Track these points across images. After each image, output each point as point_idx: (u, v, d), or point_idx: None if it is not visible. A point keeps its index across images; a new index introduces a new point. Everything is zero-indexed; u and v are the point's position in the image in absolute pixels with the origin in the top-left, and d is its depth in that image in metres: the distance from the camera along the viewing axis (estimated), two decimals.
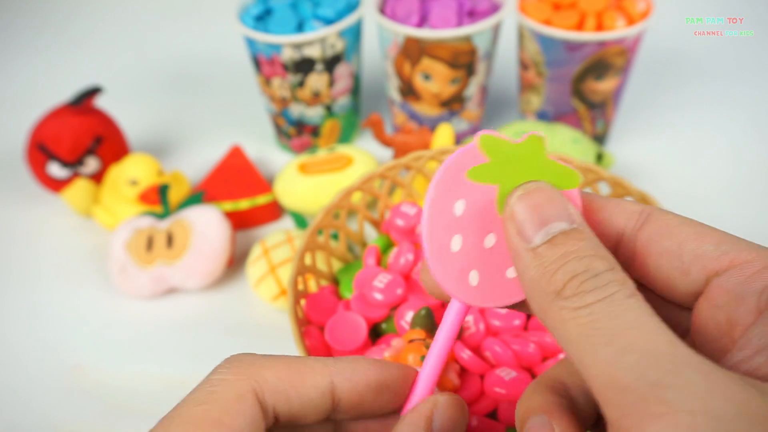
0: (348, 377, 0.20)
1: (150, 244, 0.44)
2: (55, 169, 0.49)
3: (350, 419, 0.21)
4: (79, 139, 0.49)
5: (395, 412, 0.21)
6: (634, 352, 0.14)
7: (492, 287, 0.19)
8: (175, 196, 0.50)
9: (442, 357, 0.20)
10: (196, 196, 0.48)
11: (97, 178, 0.51)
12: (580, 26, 0.48)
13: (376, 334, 0.35)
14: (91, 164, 0.51)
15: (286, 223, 0.52)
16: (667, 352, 0.14)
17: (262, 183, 0.51)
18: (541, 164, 0.18)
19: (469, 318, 0.31)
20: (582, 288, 0.16)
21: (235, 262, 0.47)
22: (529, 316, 0.33)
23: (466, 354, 0.29)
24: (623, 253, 0.19)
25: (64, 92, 0.57)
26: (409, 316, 0.32)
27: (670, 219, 0.18)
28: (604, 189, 0.49)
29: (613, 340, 0.15)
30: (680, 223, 0.18)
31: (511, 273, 0.19)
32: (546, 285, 0.16)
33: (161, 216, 0.47)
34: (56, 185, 0.51)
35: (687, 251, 0.18)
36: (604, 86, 0.50)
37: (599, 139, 0.55)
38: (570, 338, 0.16)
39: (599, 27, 0.48)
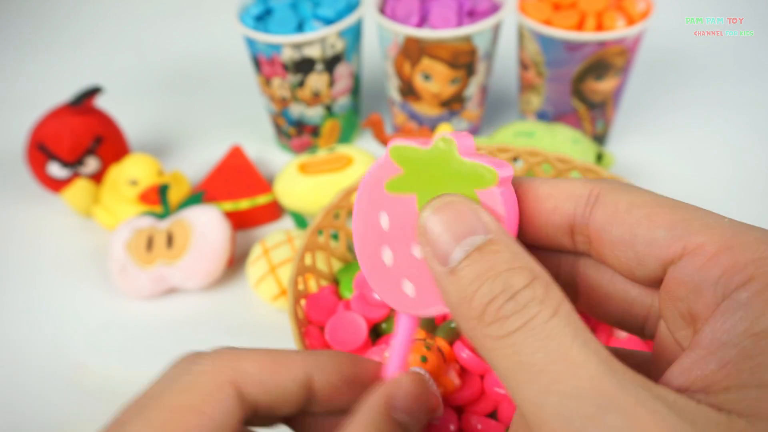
0: (324, 370, 0.20)
1: (150, 244, 0.44)
2: (55, 169, 0.49)
3: (323, 412, 0.21)
4: (78, 139, 0.49)
5: None
6: (557, 393, 0.13)
7: (428, 295, 0.18)
8: (175, 196, 0.50)
9: (399, 365, 0.20)
10: (196, 196, 0.48)
11: (97, 178, 0.51)
12: (580, 26, 0.48)
13: (376, 334, 0.36)
14: (91, 164, 0.50)
15: (287, 223, 0.52)
16: (591, 391, 0.13)
17: (262, 183, 0.51)
18: (454, 167, 0.17)
19: None
20: (501, 313, 0.14)
21: (235, 262, 0.47)
22: None
23: (466, 354, 0.30)
24: (580, 241, 0.18)
25: (64, 92, 0.57)
26: None
27: (620, 200, 0.17)
28: None
29: (536, 377, 0.14)
30: (630, 205, 0.17)
31: None
32: (467, 311, 0.15)
33: (161, 216, 0.47)
34: (56, 185, 0.51)
35: (639, 240, 0.16)
36: (604, 86, 0.50)
37: (599, 139, 0.55)
38: (498, 370, 0.15)
39: (599, 27, 0.48)
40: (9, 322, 0.45)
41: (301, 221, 0.49)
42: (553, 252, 0.19)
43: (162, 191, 0.48)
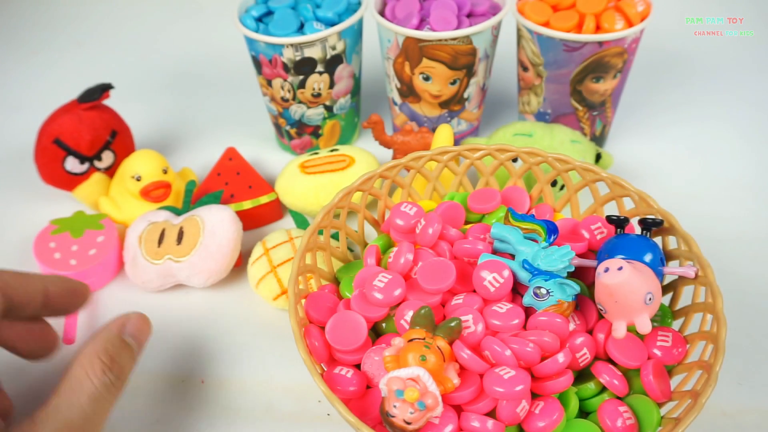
0: (55, 283, 0.35)
1: (161, 238, 0.45)
2: (74, 164, 0.50)
3: (50, 314, 0.36)
4: (98, 133, 0.50)
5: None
6: None
7: None
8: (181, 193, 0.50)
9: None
10: (215, 195, 0.48)
11: (111, 172, 0.52)
12: (579, 27, 0.48)
13: (376, 333, 0.36)
14: (107, 158, 0.51)
15: (287, 222, 0.52)
16: None
17: (262, 182, 0.51)
18: None
19: (469, 317, 0.32)
20: None
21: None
22: (527, 316, 0.33)
23: (465, 353, 0.30)
24: None
25: (64, 92, 0.57)
26: (409, 315, 0.32)
27: None
28: (603, 189, 0.49)
29: None
30: None
31: None
32: None
33: (179, 212, 0.47)
34: (71, 181, 0.51)
35: None
36: (603, 87, 0.51)
37: (598, 139, 0.55)
38: None
39: (598, 28, 0.48)
40: None
41: (301, 221, 0.49)
42: None
43: (187, 188, 0.49)
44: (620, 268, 0.27)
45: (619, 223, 0.35)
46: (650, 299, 0.28)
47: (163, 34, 0.80)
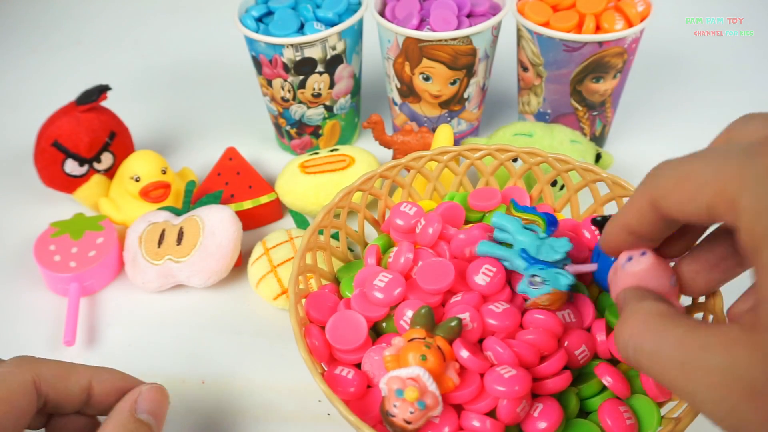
0: (102, 380, 0.30)
1: (161, 239, 0.45)
2: (73, 166, 0.50)
3: (94, 414, 0.30)
4: (96, 134, 0.50)
5: None
6: None
7: None
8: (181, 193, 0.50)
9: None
10: (215, 195, 0.48)
11: (110, 174, 0.52)
12: (578, 27, 0.48)
13: (376, 332, 0.36)
14: (106, 160, 0.51)
15: (287, 222, 0.52)
16: None
17: (262, 182, 0.51)
18: None
19: (466, 315, 0.32)
20: None
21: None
22: (523, 314, 0.33)
23: (465, 353, 0.30)
24: None
25: (64, 92, 0.57)
26: (409, 315, 0.32)
27: None
28: (603, 189, 0.49)
29: None
30: None
31: None
32: None
33: (179, 212, 0.47)
34: (70, 183, 0.51)
35: None
36: (603, 87, 0.51)
37: (598, 139, 0.55)
38: None
39: (598, 28, 0.48)
40: (9, 319, 0.45)
41: (301, 221, 0.49)
42: None
43: (187, 189, 0.49)
44: (644, 253, 0.27)
45: (602, 224, 0.36)
46: (674, 282, 0.27)
47: (163, 34, 0.80)
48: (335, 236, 0.42)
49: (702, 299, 0.34)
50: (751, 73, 0.66)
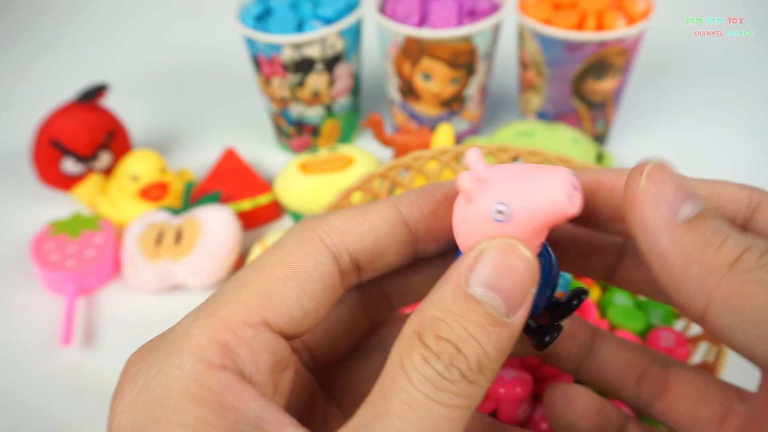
0: (413, 200, 0.19)
1: (159, 239, 0.45)
2: (70, 165, 0.50)
3: (435, 252, 0.20)
4: (94, 133, 0.50)
5: None
6: None
7: None
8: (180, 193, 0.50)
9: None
10: (213, 195, 0.48)
11: (108, 172, 0.52)
12: (580, 26, 0.48)
13: None
14: (104, 159, 0.51)
15: (286, 223, 0.52)
16: None
17: (261, 183, 0.51)
18: None
19: None
20: (763, 261, 0.14)
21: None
22: None
23: None
24: (646, 393, 0.18)
25: (64, 91, 0.57)
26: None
27: None
28: None
29: None
30: None
31: None
32: (712, 257, 0.15)
33: (177, 212, 0.47)
34: (68, 182, 0.51)
35: None
36: (604, 86, 0.50)
37: (599, 139, 0.55)
38: (758, 314, 0.14)
39: (599, 27, 0.48)
40: (9, 320, 0.45)
41: None
42: None
43: (186, 189, 0.49)
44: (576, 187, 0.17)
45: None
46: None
47: (162, 33, 0.80)
48: None
49: None
50: (751, 73, 0.66)
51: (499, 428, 0.22)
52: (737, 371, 0.39)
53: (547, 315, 0.19)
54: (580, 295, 0.18)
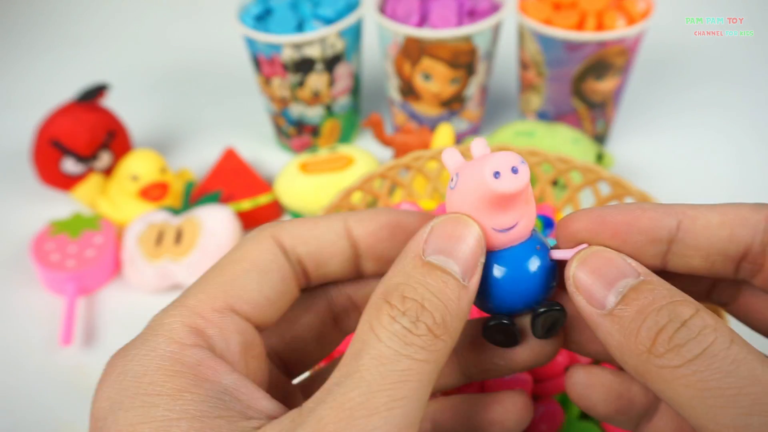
0: (361, 218, 0.20)
1: (159, 239, 0.45)
2: (70, 165, 0.50)
3: (375, 272, 0.21)
4: (94, 133, 0.50)
5: None
6: (761, 413, 0.13)
7: None
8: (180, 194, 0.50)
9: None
10: (213, 195, 0.48)
11: (108, 172, 0.52)
12: (580, 26, 0.48)
13: None
14: (104, 159, 0.51)
15: None
16: None
17: (261, 183, 0.51)
18: None
19: None
20: (674, 341, 0.15)
21: None
22: None
23: None
24: (747, 268, 0.18)
25: (64, 91, 0.57)
26: None
27: None
28: (604, 189, 0.49)
29: (731, 401, 0.14)
30: None
31: None
32: (634, 346, 0.15)
33: (177, 212, 0.47)
34: (68, 182, 0.51)
35: None
36: (604, 86, 0.50)
37: (599, 139, 0.55)
38: (680, 401, 0.15)
39: (599, 27, 0.48)
40: (9, 320, 0.45)
41: None
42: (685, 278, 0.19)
43: (186, 189, 0.49)
44: (515, 170, 0.17)
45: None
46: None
47: (162, 34, 0.80)
48: None
49: None
50: (751, 73, 0.66)
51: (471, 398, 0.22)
52: None
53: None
54: (552, 306, 0.18)
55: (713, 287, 0.20)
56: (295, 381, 0.22)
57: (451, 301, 0.16)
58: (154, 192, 0.49)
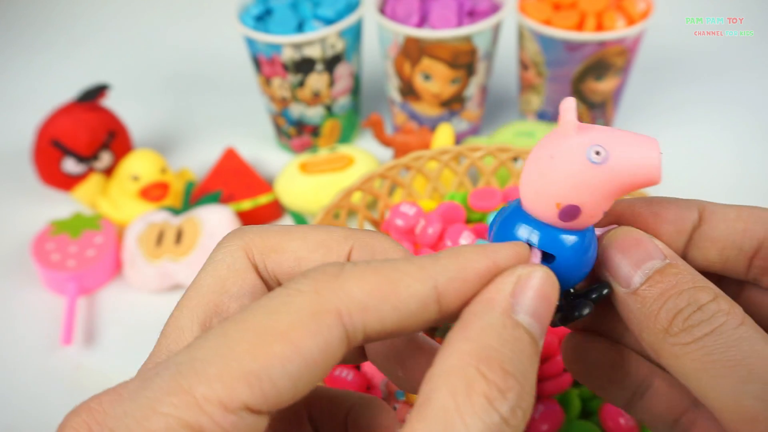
0: (454, 275, 0.15)
1: (160, 238, 0.45)
2: (71, 165, 0.50)
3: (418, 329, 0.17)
4: (95, 133, 0.50)
5: None
6: (756, 381, 0.14)
7: None
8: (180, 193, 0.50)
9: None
10: (213, 195, 0.48)
11: (109, 172, 0.52)
12: (580, 26, 0.48)
13: None
14: (105, 159, 0.51)
15: (287, 223, 0.52)
16: None
17: (261, 183, 0.51)
18: None
19: None
20: (689, 322, 0.16)
21: None
22: None
23: None
24: (758, 266, 0.18)
25: (64, 91, 0.57)
26: None
27: None
28: None
29: (732, 370, 0.15)
30: None
31: None
32: (653, 325, 0.16)
33: (177, 212, 0.47)
34: (68, 182, 0.51)
35: None
36: (604, 86, 0.50)
37: None
38: (687, 373, 0.16)
39: (599, 27, 0.48)
40: (9, 321, 0.45)
41: (301, 221, 0.49)
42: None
43: (186, 189, 0.49)
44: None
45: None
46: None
47: (162, 34, 0.80)
48: None
49: None
50: (751, 73, 0.66)
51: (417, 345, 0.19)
52: None
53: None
54: (602, 289, 0.18)
55: (718, 285, 0.20)
56: None
57: (534, 375, 0.14)
58: (154, 192, 0.49)
